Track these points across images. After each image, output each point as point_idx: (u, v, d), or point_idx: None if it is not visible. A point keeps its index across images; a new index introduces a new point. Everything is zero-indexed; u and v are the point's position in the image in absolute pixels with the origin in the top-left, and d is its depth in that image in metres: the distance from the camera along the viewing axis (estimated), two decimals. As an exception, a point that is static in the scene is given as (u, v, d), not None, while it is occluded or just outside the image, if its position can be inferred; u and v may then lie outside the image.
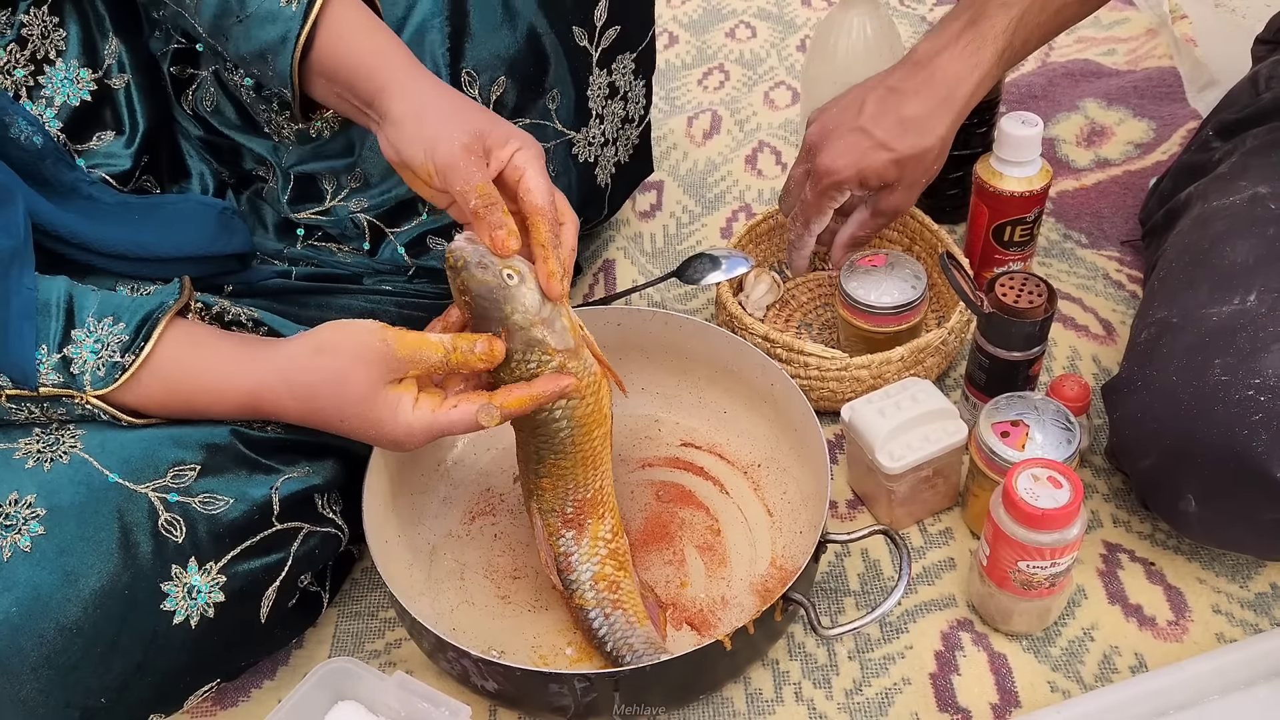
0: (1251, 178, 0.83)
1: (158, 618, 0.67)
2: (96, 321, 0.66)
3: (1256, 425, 0.68)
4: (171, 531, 0.68)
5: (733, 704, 0.77)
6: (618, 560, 0.77)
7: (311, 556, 0.76)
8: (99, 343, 0.66)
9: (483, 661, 0.69)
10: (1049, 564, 0.72)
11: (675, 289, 1.08)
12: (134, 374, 0.66)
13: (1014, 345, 0.84)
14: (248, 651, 0.76)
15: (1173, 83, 1.27)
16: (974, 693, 0.76)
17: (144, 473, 0.68)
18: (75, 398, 0.66)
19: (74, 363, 0.65)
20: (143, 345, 0.66)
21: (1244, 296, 0.73)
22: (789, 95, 1.33)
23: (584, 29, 0.89)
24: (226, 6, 0.74)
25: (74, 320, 0.66)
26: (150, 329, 0.67)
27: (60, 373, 0.65)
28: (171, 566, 0.67)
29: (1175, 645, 0.78)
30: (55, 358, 0.65)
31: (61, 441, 0.67)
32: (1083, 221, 1.12)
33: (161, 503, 0.68)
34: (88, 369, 0.66)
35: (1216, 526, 0.75)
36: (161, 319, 0.67)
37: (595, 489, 0.76)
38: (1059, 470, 0.72)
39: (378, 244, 0.90)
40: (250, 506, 0.71)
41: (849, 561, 0.85)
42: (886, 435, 0.81)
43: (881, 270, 0.93)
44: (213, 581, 0.69)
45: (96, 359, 0.66)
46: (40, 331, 0.65)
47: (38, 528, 0.64)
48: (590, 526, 0.76)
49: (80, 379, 0.66)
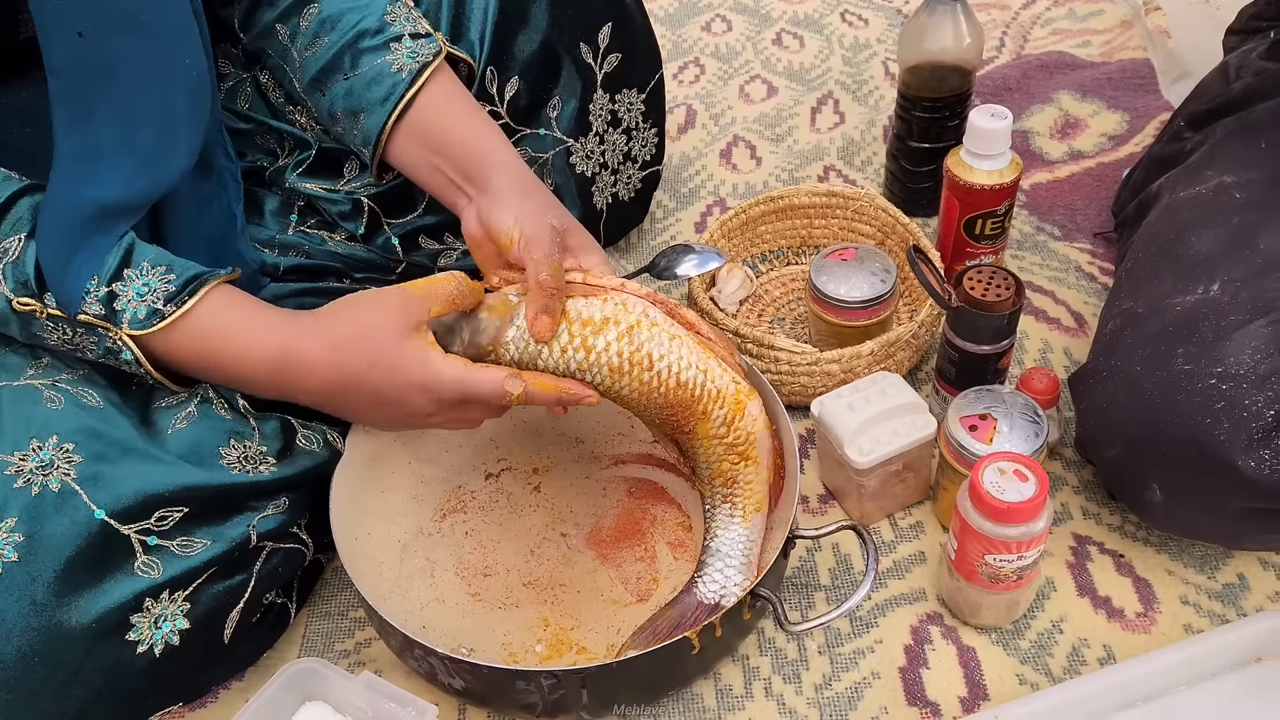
0: (1218, 167, 0.83)
1: (122, 648, 0.67)
2: (150, 267, 0.68)
3: (1219, 414, 0.68)
4: (147, 573, 0.68)
5: (703, 700, 0.77)
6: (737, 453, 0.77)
7: (275, 574, 0.76)
8: (146, 286, 0.67)
9: (449, 659, 0.69)
10: (1015, 557, 0.73)
11: (648, 284, 1.08)
12: (171, 323, 0.68)
13: (982, 339, 0.84)
14: (213, 674, 0.76)
15: (1146, 74, 1.27)
16: (943, 686, 0.76)
17: (132, 514, 0.67)
18: (110, 331, 0.67)
19: (119, 298, 0.67)
20: (186, 299, 0.68)
21: (1207, 286, 0.73)
22: (764, 89, 1.32)
23: (589, 46, 0.93)
24: (336, 64, 0.80)
25: (130, 260, 0.67)
26: (197, 287, 0.69)
27: (104, 305, 0.67)
28: (143, 601, 0.67)
29: (1144, 637, 0.78)
30: (104, 290, 0.67)
31: (55, 465, 0.66)
32: (1056, 214, 1.12)
33: (141, 545, 0.68)
34: (129, 308, 0.67)
35: (1182, 515, 0.75)
36: (210, 280, 0.69)
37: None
38: (1025, 464, 0.72)
39: (373, 230, 0.90)
40: (230, 545, 0.71)
41: (820, 556, 0.85)
42: (855, 430, 0.81)
43: (851, 264, 0.93)
44: (178, 609, 0.69)
45: (140, 300, 0.67)
46: (96, 262, 0.66)
47: (12, 554, 0.63)
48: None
49: (120, 315, 0.67)
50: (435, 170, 0.80)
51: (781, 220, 1.06)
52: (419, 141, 0.80)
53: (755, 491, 0.76)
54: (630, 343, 0.73)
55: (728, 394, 0.74)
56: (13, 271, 0.66)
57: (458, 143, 0.78)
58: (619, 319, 0.73)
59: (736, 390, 0.75)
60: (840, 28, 1.41)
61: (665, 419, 0.76)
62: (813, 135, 1.25)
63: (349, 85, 0.80)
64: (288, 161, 0.90)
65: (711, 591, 0.75)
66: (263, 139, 0.90)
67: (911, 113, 1.06)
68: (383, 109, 0.78)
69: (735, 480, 0.76)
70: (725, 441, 0.75)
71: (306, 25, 0.81)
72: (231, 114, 0.90)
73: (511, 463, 0.90)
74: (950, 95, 1.05)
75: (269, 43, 0.83)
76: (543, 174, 0.94)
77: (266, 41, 0.83)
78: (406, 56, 0.79)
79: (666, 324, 0.74)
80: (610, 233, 1.07)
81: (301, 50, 0.81)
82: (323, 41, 0.80)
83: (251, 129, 0.90)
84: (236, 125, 0.90)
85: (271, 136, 0.90)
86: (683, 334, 0.74)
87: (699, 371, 0.74)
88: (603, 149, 0.99)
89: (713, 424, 0.75)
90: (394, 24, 0.80)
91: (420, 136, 0.79)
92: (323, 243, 0.90)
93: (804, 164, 1.21)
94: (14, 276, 0.66)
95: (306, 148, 0.89)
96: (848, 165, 1.20)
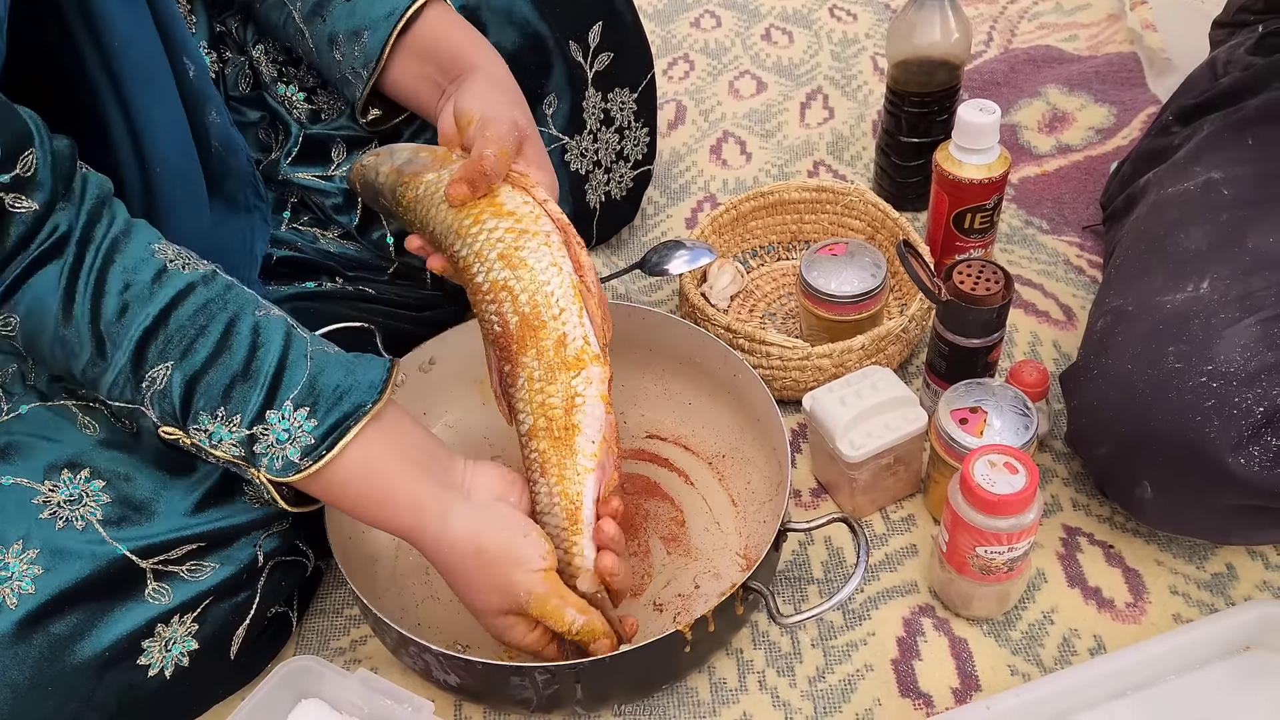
0: (1206, 164, 0.83)
1: (133, 672, 0.68)
2: (293, 409, 0.65)
3: (1209, 412, 0.69)
4: (158, 599, 0.68)
5: (697, 694, 0.77)
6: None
7: (278, 588, 0.76)
8: (287, 432, 0.65)
9: (444, 656, 0.69)
10: (1006, 549, 0.73)
11: (640, 280, 1.08)
12: (306, 477, 0.66)
13: (972, 332, 0.84)
14: (219, 688, 0.76)
15: (1133, 68, 1.27)
16: (935, 677, 0.77)
17: (153, 552, 0.68)
18: (248, 470, 0.66)
19: (259, 442, 0.65)
20: (323, 454, 0.65)
21: (1197, 284, 0.74)
22: (754, 84, 1.33)
23: (580, 45, 0.93)
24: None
25: (274, 399, 0.65)
26: (336, 440, 0.65)
27: (243, 447, 0.65)
28: (154, 626, 0.68)
29: (1133, 627, 0.79)
30: (244, 433, 0.65)
31: (83, 502, 0.67)
32: (1044, 207, 1.12)
33: (154, 574, 0.68)
34: (268, 455, 0.65)
35: (1172, 513, 0.75)
36: (352, 429, 0.66)
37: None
38: (1015, 456, 0.73)
39: (367, 224, 0.90)
40: (238, 568, 0.72)
41: (813, 550, 0.85)
42: (847, 424, 0.81)
43: (842, 259, 0.93)
44: (187, 631, 0.70)
45: (280, 448, 0.65)
46: (240, 400, 0.64)
47: (29, 586, 0.64)
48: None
49: (259, 459, 0.65)
50: (424, 78, 0.80)
51: (772, 216, 1.07)
52: (417, 56, 0.80)
53: (564, 467, 0.70)
54: (515, 242, 0.71)
55: (570, 343, 0.70)
56: (159, 402, 0.64)
57: (448, 51, 0.79)
58: (522, 218, 0.72)
59: (582, 348, 0.70)
60: (829, 23, 1.41)
61: (498, 335, 0.72)
62: (802, 130, 1.25)
63: (351, 6, 0.80)
64: (279, 154, 0.90)
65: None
66: (264, 133, 0.90)
67: (900, 108, 1.07)
68: (387, 23, 0.79)
69: (544, 441, 0.70)
70: (544, 391, 0.70)
71: None
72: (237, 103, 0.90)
73: (506, 460, 0.90)
74: (939, 90, 1.05)
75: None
76: None
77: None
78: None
79: (558, 254, 0.71)
80: (602, 231, 1.07)
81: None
82: None
83: (251, 122, 0.90)
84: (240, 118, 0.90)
85: (265, 126, 0.90)
86: (567, 270, 0.71)
87: (555, 305, 0.70)
88: (596, 147, 0.99)
89: (538, 365, 0.70)
90: None
91: (419, 52, 0.80)
92: (315, 240, 0.90)
93: (794, 159, 1.21)
94: (160, 407, 0.65)
95: (292, 132, 0.90)
96: (837, 160, 1.21)
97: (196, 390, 0.64)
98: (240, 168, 0.79)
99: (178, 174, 0.72)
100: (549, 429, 0.70)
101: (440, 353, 0.90)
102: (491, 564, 0.68)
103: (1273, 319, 0.70)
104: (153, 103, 0.69)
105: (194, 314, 0.64)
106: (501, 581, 0.68)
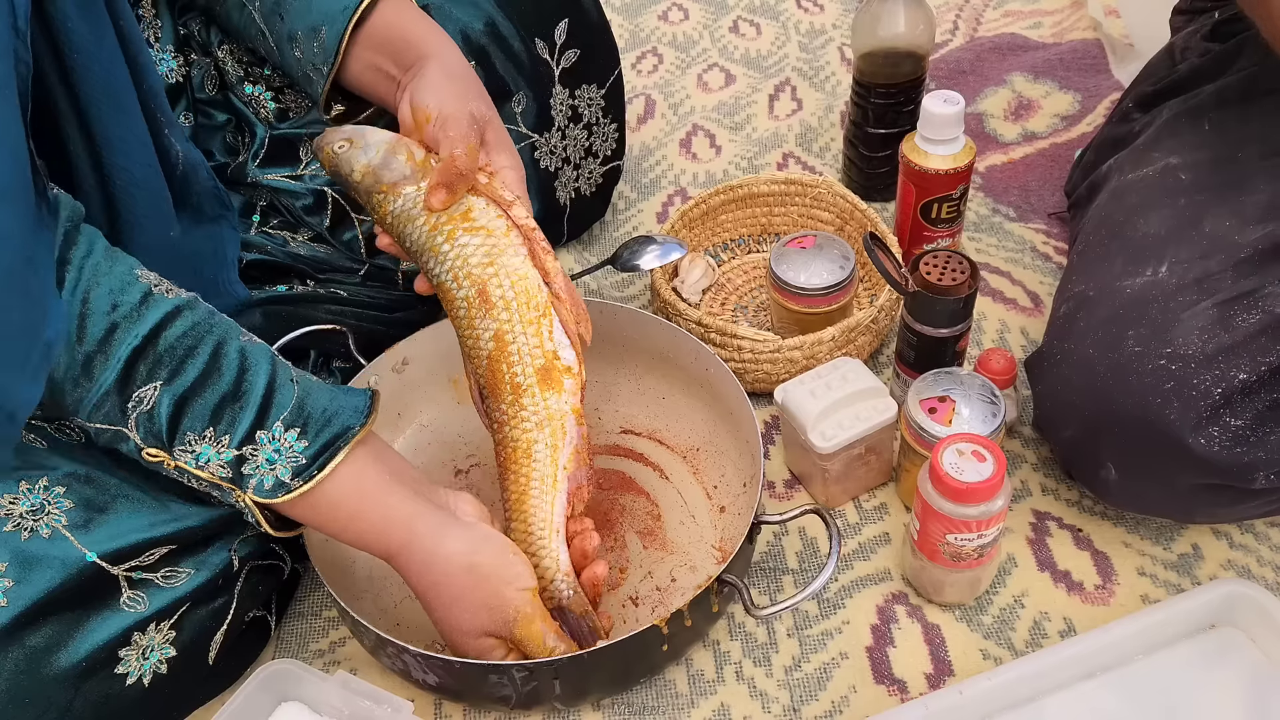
0: (1164, 149, 0.85)
1: (111, 681, 0.68)
2: (283, 429, 0.66)
3: (1169, 394, 0.70)
4: (133, 607, 0.68)
5: (675, 686, 0.78)
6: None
7: (255, 592, 0.76)
8: (277, 452, 0.66)
9: (422, 656, 0.69)
10: (976, 536, 0.74)
11: (611, 276, 1.09)
12: (294, 499, 0.66)
13: (939, 322, 0.85)
14: (199, 693, 0.76)
15: (1097, 54, 1.29)
16: (909, 664, 0.78)
17: (123, 556, 0.68)
18: (234, 492, 0.67)
19: (247, 463, 0.65)
20: (314, 474, 0.66)
21: (1156, 268, 0.75)
22: (722, 77, 1.33)
23: (545, 42, 0.93)
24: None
25: (264, 420, 0.65)
26: (327, 459, 0.66)
27: (231, 468, 0.65)
28: (131, 635, 0.68)
29: (1102, 608, 0.80)
30: (232, 453, 0.65)
31: (46, 510, 0.66)
32: (1011, 195, 1.13)
33: (127, 581, 0.68)
34: (256, 474, 0.66)
35: (1136, 494, 0.77)
36: (342, 449, 0.67)
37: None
38: (983, 444, 0.74)
39: (338, 225, 0.90)
40: (213, 573, 0.72)
41: (787, 541, 0.86)
42: (818, 415, 0.82)
43: (811, 252, 0.94)
44: (165, 639, 0.70)
45: (269, 468, 0.66)
46: (230, 421, 0.65)
47: (0, 599, 0.63)
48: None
49: (246, 480, 0.66)
50: (380, 71, 0.79)
51: (741, 209, 1.07)
52: (373, 48, 0.79)
53: (539, 479, 0.73)
54: (487, 258, 0.73)
55: (541, 361, 0.72)
56: (145, 422, 0.64)
57: (402, 41, 0.78)
58: (492, 231, 0.73)
59: (551, 364, 0.72)
60: (796, 14, 1.42)
61: (472, 353, 0.74)
62: (771, 122, 1.26)
63: (308, 1, 0.79)
64: (246, 156, 0.90)
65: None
66: (232, 136, 0.90)
67: (867, 99, 1.08)
68: (343, 16, 0.78)
69: (519, 453, 0.73)
70: (518, 405, 0.72)
71: None
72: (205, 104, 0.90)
73: (481, 459, 0.91)
74: (905, 81, 1.06)
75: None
76: None
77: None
78: None
79: (525, 266, 0.73)
80: (573, 227, 1.08)
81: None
82: None
83: (218, 125, 0.90)
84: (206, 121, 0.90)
85: (231, 129, 0.90)
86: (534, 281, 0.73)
87: (520, 324, 0.72)
88: (565, 144, 0.99)
89: (509, 385, 0.72)
90: None
91: (374, 44, 0.79)
92: (285, 243, 0.90)
93: (763, 151, 1.22)
94: (145, 427, 0.64)
95: (259, 133, 0.90)
96: (806, 152, 1.22)
97: (185, 411, 0.64)
98: (202, 182, 0.79)
99: (142, 188, 0.72)
100: (521, 443, 0.72)
101: (413, 353, 0.90)
102: (485, 580, 0.69)
103: (1229, 301, 0.71)
104: (115, 119, 0.69)
105: (182, 335, 0.64)
106: (492, 599, 0.69)
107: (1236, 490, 0.72)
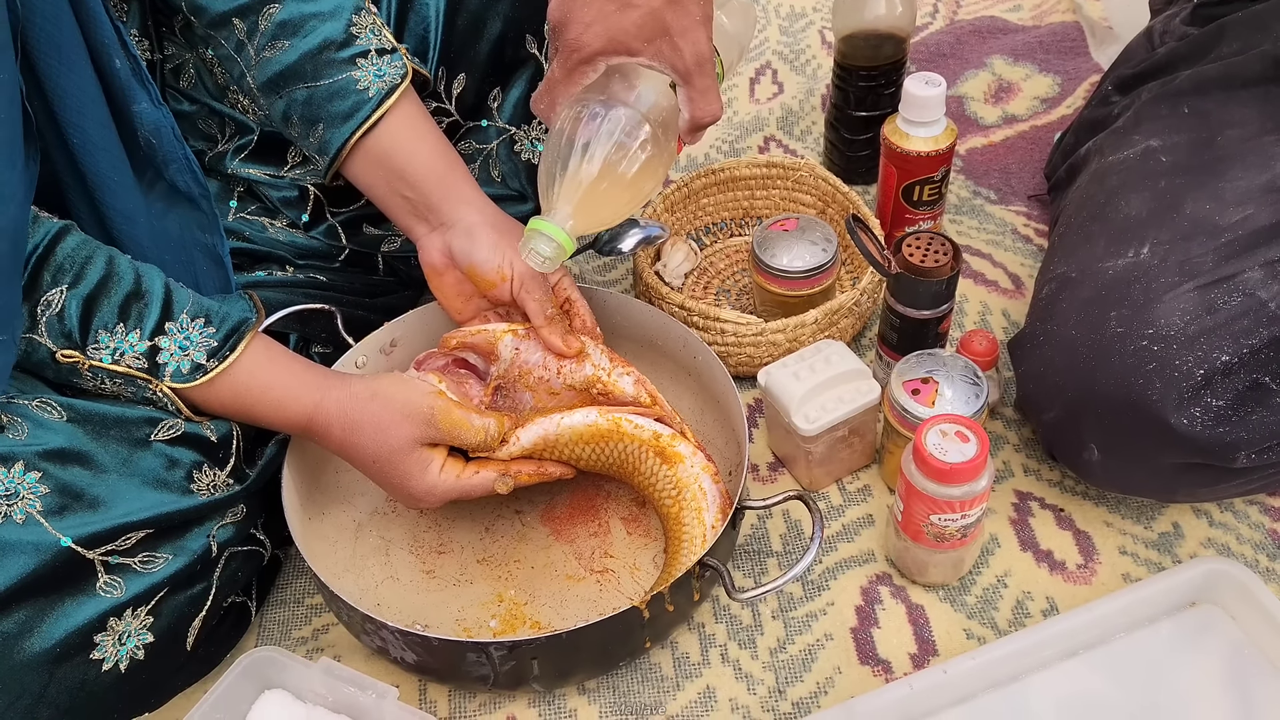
0: (1144, 132, 0.85)
1: (86, 667, 0.67)
2: (190, 320, 0.70)
3: (1151, 374, 0.70)
4: (110, 592, 0.67)
5: (660, 669, 0.78)
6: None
7: (235, 578, 0.76)
8: (188, 340, 0.70)
9: (400, 632, 0.69)
10: (959, 516, 0.75)
11: (593, 260, 1.08)
12: (212, 378, 0.70)
13: (922, 304, 0.85)
14: (177, 680, 0.76)
15: (1077, 37, 1.29)
16: (893, 644, 0.78)
17: (99, 540, 0.67)
18: (151, 384, 0.69)
19: (161, 352, 0.69)
20: (228, 354, 0.71)
21: (1137, 249, 0.75)
22: (703, 60, 1.32)
23: (535, 38, 0.92)
24: (297, 71, 0.78)
25: (170, 313, 0.70)
26: (237, 341, 0.71)
27: (146, 358, 0.69)
28: (107, 620, 0.67)
29: (1084, 588, 0.81)
30: (145, 344, 0.69)
31: (20, 495, 0.65)
32: (991, 178, 1.14)
33: (103, 566, 0.67)
34: (171, 362, 0.70)
35: (1118, 474, 0.77)
36: (248, 333, 0.72)
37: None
38: (966, 425, 0.74)
39: (317, 218, 0.90)
40: (191, 559, 0.71)
41: (771, 524, 0.86)
42: (801, 398, 0.82)
43: (793, 234, 0.94)
44: (141, 625, 0.69)
45: (183, 355, 0.70)
46: (138, 315, 0.69)
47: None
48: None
49: (162, 369, 0.69)
50: (395, 194, 0.81)
51: (724, 192, 1.07)
52: (379, 164, 0.80)
53: (679, 540, 0.78)
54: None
55: (671, 460, 0.79)
56: (56, 325, 0.67)
57: (420, 171, 0.79)
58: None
59: (675, 453, 0.79)
60: (776, -3, 1.42)
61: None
62: (752, 106, 1.26)
63: (309, 94, 0.78)
64: (227, 147, 0.88)
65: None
66: (204, 123, 0.89)
67: (849, 82, 1.08)
68: (346, 126, 0.78)
69: (668, 519, 0.80)
70: (665, 492, 0.79)
71: (266, 25, 0.77)
72: (176, 93, 0.88)
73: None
74: (886, 63, 1.06)
75: (223, 33, 0.80)
76: (488, 165, 0.93)
77: (220, 32, 0.80)
78: (373, 75, 0.78)
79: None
80: None
81: (259, 49, 0.78)
82: (283, 45, 0.77)
83: (194, 111, 0.88)
84: (180, 106, 0.88)
85: (213, 120, 0.89)
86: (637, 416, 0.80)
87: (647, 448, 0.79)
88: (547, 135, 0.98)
89: (656, 487, 0.80)
90: (360, 36, 0.78)
91: (381, 159, 0.80)
92: (263, 229, 0.89)
93: (744, 135, 1.22)
94: (58, 330, 0.67)
95: (248, 132, 0.88)
96: (787, 135, 1.21)
97: (95, 310, 0.68)
98: (168, 146, 0.77)
99: (98, 146, 0.73)
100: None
101: (401, 334, 0.89)
102: (392, 398, 0.74)
103: (1210, 284, 0.71)
104: (62, 72, 0.69)
105: (77, 247, 0.68)
106: (405, 407, 0.74)
107: (1218, 470, 0.72)
